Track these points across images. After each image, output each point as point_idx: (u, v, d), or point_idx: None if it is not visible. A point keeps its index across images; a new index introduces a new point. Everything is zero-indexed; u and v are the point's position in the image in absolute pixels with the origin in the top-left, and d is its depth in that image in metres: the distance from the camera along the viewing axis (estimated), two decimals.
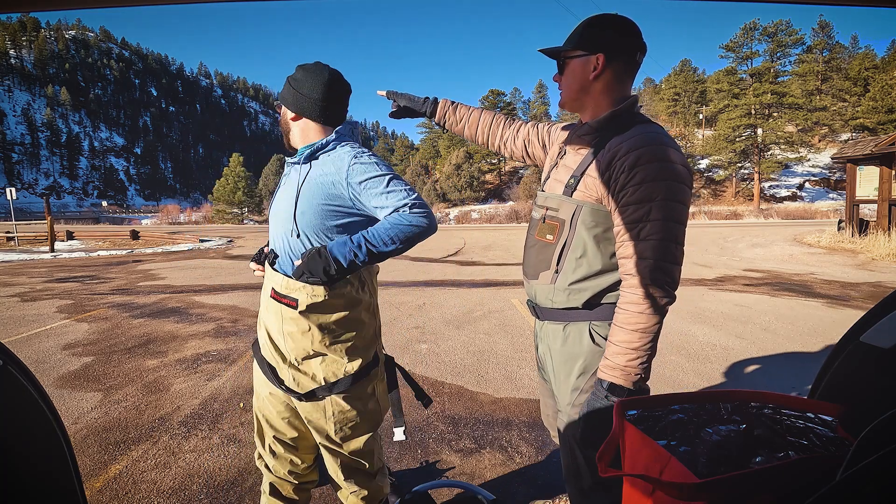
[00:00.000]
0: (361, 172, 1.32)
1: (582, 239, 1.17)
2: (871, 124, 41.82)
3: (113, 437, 2.67)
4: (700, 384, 3.42)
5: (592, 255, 1.16)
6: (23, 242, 18.01)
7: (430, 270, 9.61)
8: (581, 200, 1.16)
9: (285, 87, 1.44)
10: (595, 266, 1.16)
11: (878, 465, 0.55)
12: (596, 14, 1.20)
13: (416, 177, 55.05)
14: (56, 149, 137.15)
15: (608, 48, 1.15)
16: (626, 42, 1.15)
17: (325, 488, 2.12)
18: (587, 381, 1.18)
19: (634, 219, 1.06)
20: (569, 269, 1.18)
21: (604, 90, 1.18)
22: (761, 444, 0.82)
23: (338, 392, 1.39)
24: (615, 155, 1.09)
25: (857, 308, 5.79)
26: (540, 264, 1.24)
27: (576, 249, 1.17)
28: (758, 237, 17.35)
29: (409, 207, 1.28)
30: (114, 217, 74.81)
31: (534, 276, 1.26)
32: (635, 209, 1.06)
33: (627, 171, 1.06)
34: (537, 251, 1.25)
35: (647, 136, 1.09)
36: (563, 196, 1.20)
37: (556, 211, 1.21)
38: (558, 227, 1.20)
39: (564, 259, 1.19)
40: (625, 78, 1.19)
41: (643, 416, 0.94)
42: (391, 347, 4.32)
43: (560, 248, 1.19)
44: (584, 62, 1.17)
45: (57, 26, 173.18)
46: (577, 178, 1.17)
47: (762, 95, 41.91)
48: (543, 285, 1.23)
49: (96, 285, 8.21)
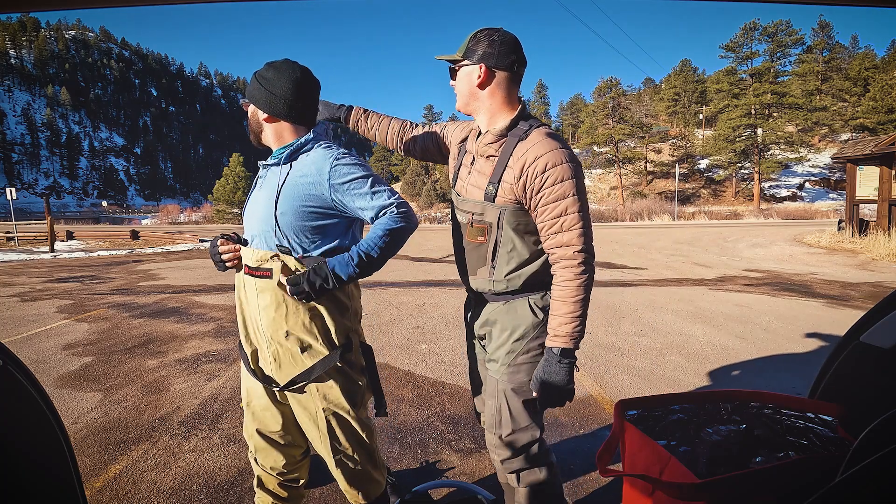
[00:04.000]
0: (344, 174, 1.33)
1: (509, 235, 1.36)
2: (871, 124, 41.79)
3: (113, 437, 2.67)
4: (700, 384, 3.42)
5: (521, 248, 1.37)
6: (23, 242, 18.01)
7: (430, 270, 9.60)
8: (502, 204, 1.34)
9: (254, 86, 1.39)
10: (524, 255, 1.37)
11: (878, 465, 0.55)
12: (482, 28, 1.36)
13: (416, 177, 55.03)
14: (56, 149, 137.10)
15: (487, 60, 1.32)
16: (503, 57, 1.32)
17: (325, 488, 2.13)
18: (523, 345, 1.40)
19: (556, 214, 1.28)
20: (502, 262, 1.38)
21: (491, 96, 1.36)
22: (761, 444, 0.82)
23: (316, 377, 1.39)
24: (525, 162, 1.29)
25: (857, 308, 5.79)
26: (477, 261, 1.43)
27: (506, 245, 1.37)
28: (758, 237, 17.34)
29: (395, 207, 1.34)
30: (114, 217, 74.74)
31: (473, 273, 1.45)
32: (554, 206, 1.27)
33: (540, 176, 1.27)
34: (472, 251, 1.44)
35: (547, 142, 1.29)
36: (486, 202, 1.37)
37: (482, 215, 1.38)
38: (486, 229, 1.38)
39: (497, 255, 1.38)
40: (510, 86, 1.36)
41: (643, 416, 0.93)
42: (391, 347, 4.32)
43: (492, 246, 1.38)
44: (469, 71, 1.36)
45: (57, 26, 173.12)
46: (496, 185, 1.34)
47: (762, 95, 41.88)
48: (483, 279, 1.43)
49: (96, 285, 8.21)
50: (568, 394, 1.30)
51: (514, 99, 1.38)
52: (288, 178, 1.36)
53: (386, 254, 1.34)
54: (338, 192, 1.34)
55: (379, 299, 6.52)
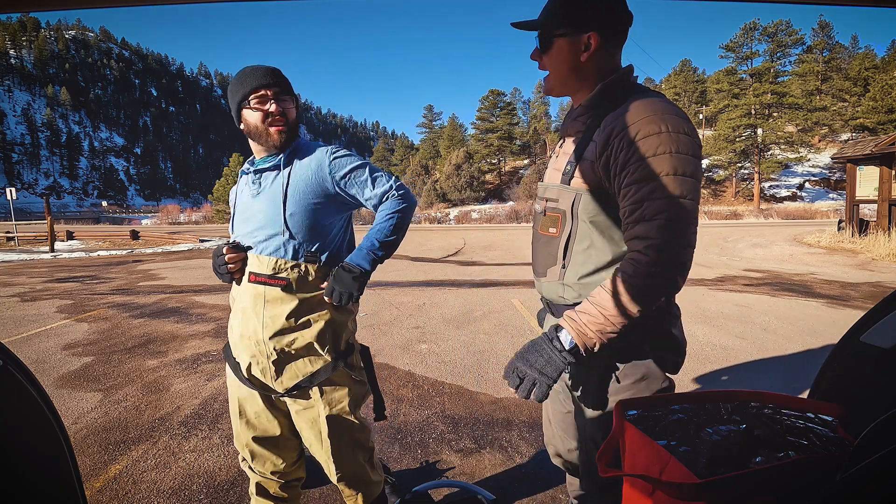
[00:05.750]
0: (344, 165, 1.40)
1: (585, 229, 1.06)
2: (871, 124, 41.79)
3: (113, 437, 2.67)
4: (700, 384, 3.42)
5: (600, 246, 1.06)
6: (23, 242, 18.01)
7: (430, 270, 9.60)
8: (579, 188, 1.06)
9: (287, 83, 1.39)
10: (605, 257, 1.06)
11: (878, 465, 0.55)
12: None
13: (416, 177, 55.03)
14: (56, 149, 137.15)
15: (601, 25, 1.03)
16: (617, 16, 1.05)
17: (325, 488, 2.13)
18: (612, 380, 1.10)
19: (639, 198, 0.94)
20: (577, 262, 1.08)
21: (596, 70, 1.08)
22: (761, 444, 0.82)
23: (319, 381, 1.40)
24: (611, 132, 0.98)
25: (857, 308, 5.79)
26: (547, 259, 1.15)
27: (582, 241, 1.07)
28: (758, 237, 17.35)
29: (395, 190, 1.42)
30: (114, 217, 74.79)
31: (542, 274, 1.17)
32: (638, 188, 0.94)
33: (627, 148, 0.95)
34: (542, 246, 1.17)
35: (644, 106, 0.97)
36: (561, 185, 1.10)
37: (556, 202, 1.12)
38: (560, 219, 1.10)
39: (570, 252, 1.09)
40: (615, 53, 1.09)
41: (643, 416, 0.93)
42: (391, 347, 4.32)
43: (565, 241, 1.09)
44: (572, 42, 1.05)
45: (57, 26, 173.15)
46: (574, 164, 1.07)
47: (762, 95, 41.90)
48: (552, 282, 1.14)
49: (96, 285, 8.21)
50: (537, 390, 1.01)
51: (618, 65, 1.10)
52: (291, 179, 1.38)
53: (398, 234, 1.42)
54: (340, 183, 1.39)
55: (379, 299, 6.52)
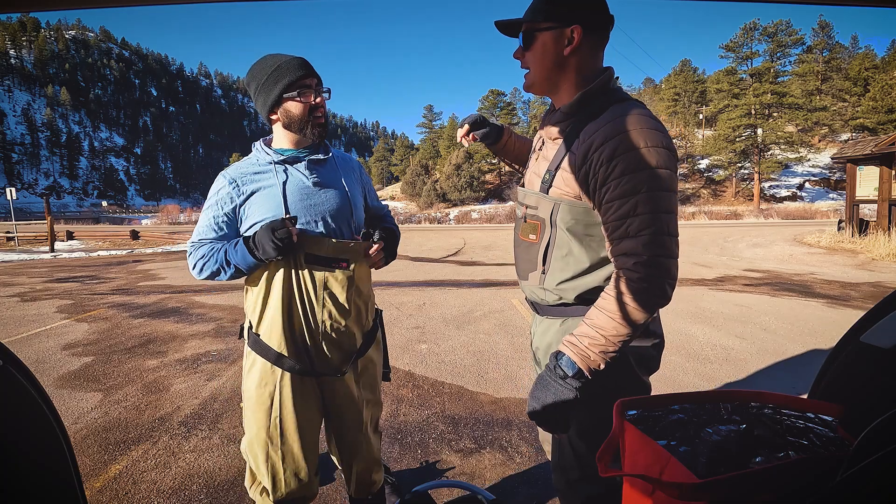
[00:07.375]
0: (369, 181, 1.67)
1: (564, 237, 1.09)
2: (871, 124, 41.77)
3: (113, 437, 2.68)
4: (700, 384, 3.42)
5: (578, 253, 1.09)
6: (23, 242, 18.00)
7: (430, 270, 9.60)
8: (558, 198, 1.08)
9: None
10: (583, 263, 1.09)
11: (878, 465, 0.55)
12: None
13: (416, 177, 55.01)
14: (56, 149, 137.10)
15: (584, 19, 1.03)
16: (600, 14, 1.05)
17: (325, 488, 2.13)
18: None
19: (621, 215, 0.97)
20: (556, 268, 1.12)
21: (578, 68, 1.07)
22: (761, 444, 0.82)
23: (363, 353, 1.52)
24: (590, 146, 1.00)
25: (857, 308, 5.79)
26: (527, 265, 1.19)
27: (561, 248, 1.10)
28: (758, 237, 17.34)
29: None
30: (114, 217, 74.71)
31: (524, 277, 1.21)
32: (620, 204, 0.96)
33: (606, 164, 0.97)
34: (523, 251, 1.20)
35: (623, 120, 0.97)
36: (540, 193, 1.11)
37: (535, 209, 1.13)
38: (539, 227, 1.13)
39: (550, 258, 1.12)
40: (598, 53, 1.08)
41: (643, 416, 0.93)
42: (391, 347, 4.32)
43: (544, 248, 1.13)
44: (556, 35, 1.05)
45: (57, 26, 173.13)
46: (552, 174, 1.08)
47: (762, 95, 41.89)
48: (533, 286, 1.18)
49: (96, 285, 8.21)
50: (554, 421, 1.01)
51: (600, 67, 1.10)
52: (342, 171, 1.50)
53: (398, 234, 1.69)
54: (368, 187, 1.63)
55: (379, 299, 6.52)
